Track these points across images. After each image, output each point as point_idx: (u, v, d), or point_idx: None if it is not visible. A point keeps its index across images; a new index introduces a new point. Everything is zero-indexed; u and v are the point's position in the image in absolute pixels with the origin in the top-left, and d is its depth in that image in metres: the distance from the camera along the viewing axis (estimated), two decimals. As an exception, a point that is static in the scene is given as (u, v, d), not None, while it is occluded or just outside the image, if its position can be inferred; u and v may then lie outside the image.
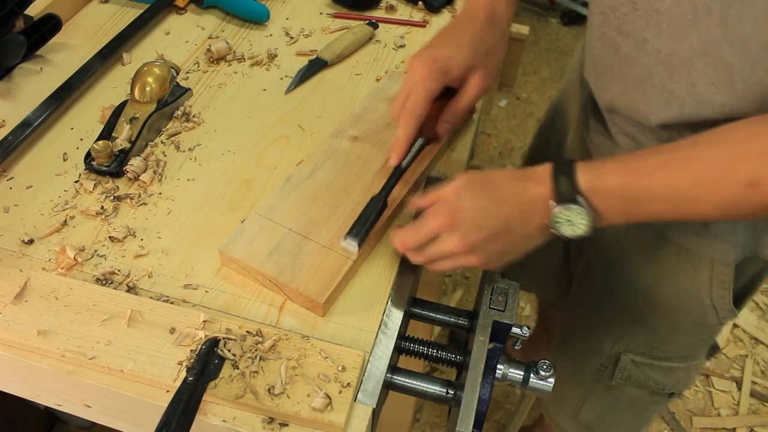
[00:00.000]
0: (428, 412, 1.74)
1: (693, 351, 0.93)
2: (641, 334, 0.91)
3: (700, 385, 1.84)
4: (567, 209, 0.62)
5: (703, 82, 0.62)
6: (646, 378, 0.95)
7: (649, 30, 0.64)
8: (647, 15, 0.64)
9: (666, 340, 0.90)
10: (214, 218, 0.79)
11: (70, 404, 0.69)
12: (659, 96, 0.68)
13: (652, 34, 0.64)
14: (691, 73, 0.63)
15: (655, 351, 0.92)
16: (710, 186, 0.57)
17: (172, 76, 0.89)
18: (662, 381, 0.95)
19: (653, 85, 0.67)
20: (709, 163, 0.57)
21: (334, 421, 0.60)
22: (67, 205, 0.79)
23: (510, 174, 0.67)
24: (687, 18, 0.60)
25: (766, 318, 1.98)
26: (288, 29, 1.07)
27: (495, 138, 2.45)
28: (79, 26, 1.04)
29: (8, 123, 0.86)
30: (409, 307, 0.75)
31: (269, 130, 0.90)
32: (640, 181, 0.60)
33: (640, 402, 1.00)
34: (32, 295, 0.68)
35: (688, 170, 0.58)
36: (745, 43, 0.57)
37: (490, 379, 0.67)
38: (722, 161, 0.56)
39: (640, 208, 0.61)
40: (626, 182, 0.61)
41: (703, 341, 0.92)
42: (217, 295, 0.71)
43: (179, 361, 0.63)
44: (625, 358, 0.93)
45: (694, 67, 0.62)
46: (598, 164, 0.63)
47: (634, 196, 0.61)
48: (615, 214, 0.63)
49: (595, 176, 0.62)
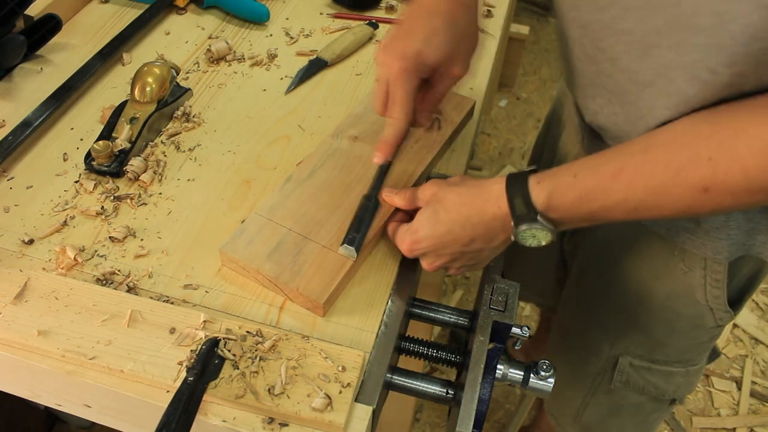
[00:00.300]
0: (428, 412, 1.74)
1: (692, 355, 0.92)
2: (638, 336, 0.91)
3: (700, 385, 1.84)
4: (529, 228, 0.63)
5: (662, 102, 0.62)
6: (645, 382, 0.94)
7: (620, 48, 0.65)
8: (616, 34, 0.64)
9: (663, 343, 0.90)
10: (214, 218, 0.79)
11: (70, 404, 0.69)
12: (633, 112, 0.68)
13: (622, 52, 0.65)
14: (651, 93, 0.63)
15: (653, 354, 0.91)
16: (665, 193, 0.57)
17: (172, 76, 0.89)
18: (662, 386, 0.95)
19: (629, 101, 0.68)
20: (662, 169, 0.57)
21: (334, 421, 0.60)
22: (68, 206, 0.79)
23: (466, 193, 0.68)
24: (647, 40, 0.60)
25: (766, 318, 1.98)
26: (288, 29, 1.07)
27: (495, 138, 2.45)
28: (79, 26, 1.04)
29: (8, 123, 0.86)
30: (409, 307, 0.75)
31: (269, 130, 0.90)
32: (595, 195, 0.60)
33: (642, 408, 0.99)
34: (32, 295, 0.68)
35: (642, 179, 0.58)
36: (698, 69, 0.57)
37: (490, 379, 0.67)
38: (675, 166, 0.56)
39: (599, 217, 0.62)
40: (582, 196, 0.61)
41: (701, 345, 0.91)
42: (217, 295, 0.71)
43: (179, 361, 0.63)
44: (623, 361, 0.93)
45: (655, 88, 0.63)
46: (552, 179, 0.63)
47: (591, 209, 0.61)
48: (575, 223, 0.64)
49: (550, 194, 0.62)
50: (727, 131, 0.54)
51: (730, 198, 0.54)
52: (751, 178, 0.52)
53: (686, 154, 0.56)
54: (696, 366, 0.94)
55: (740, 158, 0.52)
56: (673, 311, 0.85)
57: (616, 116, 0.72)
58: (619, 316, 0.91)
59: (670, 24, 0.57)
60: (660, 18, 0.58)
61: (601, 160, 0.61)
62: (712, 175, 0.54)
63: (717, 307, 0.82)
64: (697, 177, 0.55)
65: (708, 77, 0.57)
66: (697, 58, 0.56)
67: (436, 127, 0.87)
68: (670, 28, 0.57)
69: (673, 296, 0.84)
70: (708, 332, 0.88)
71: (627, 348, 0.92)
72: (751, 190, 0.53)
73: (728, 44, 0.53)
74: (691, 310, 0.84)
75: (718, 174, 0.53)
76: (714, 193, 0.54)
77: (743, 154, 0.52)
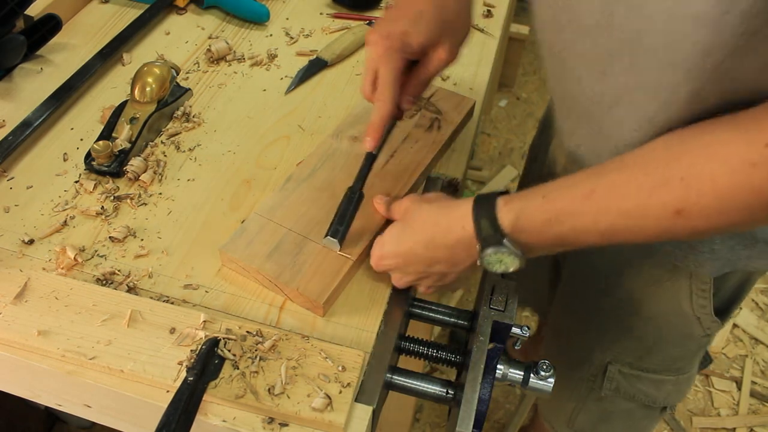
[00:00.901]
0: (428, 412, 1.74)
1: (681, 364, 0.92)
2: (627, 344, 0.91)
3: (700, 385, 1.84)
4: (495, 252, 0.61)
5: (628, 123, 0.61)
6: (635, 390, 0.94)
7: (581, 69, 0.64)
8: (575, 56, 0.63)
9: (652, 351, 0.90)
10: (214, 218, 0.79)
11: (70, 404, 0.69)
12: (599, 133, 0.67)
13: (584, 74, 0.64)
14: (617, 113, 0.62)
15: (642, 362, 0.91)
16: (637, 216, 0.55)
17: (172, 76, 0.89)
18: (652, 394, 0.95)
19: (596, 123, 0.67)
20: (634, 191, 0.55)
21: (334, 421, 0.60)
22: (68, 206, 0.79)
23: (435, 213, 0.67)
24: (602, 64, 0.59)
25: (766, 318, 1.98)
26: (288, 29, 1.07)
27: (495, 138, 2.45)
28: (80, 26, 1.04)
29: (8, 123, 0.86)
30: (409, 307, 0.75)
31: (269, 130, 0.90)
32: (565, 217, 0.58)
33: (633, 415, 0.99)
34: (32, 296, 0.68)
35: (613, 201, 0.56)
36: (655, 89, 0.56)
37: (490, 379, 0.67)
38: (647, 188, 0.54)
39: (570, 241, 0.60)
40: (551, 218, 0.59)
41: (691, 353, 0.91)
42: (217, 295, 0.71)
43: (179, 361, 0.63)
44: (613, 368, 0.92)
45: (619, 108, 0.61)
46: (520, 200, 0.61)
47: (561, 232, 0.59)
48: (546, 248, 0.61)
49: (518, 215, 0.60)
50: (699, 151, 0.52)
51: (704, 221, 0.52)
52: (723, 199, 0.50)
53: (658, 176, 0.54)
54: (686, 374, 0.93)
55: (712, 178, 0.50)
56: (661, 320, 0.85)
57: (586, 138, 0.70)
58: (608, 324, 0.91)
59: (621, 46, 0.56)
60: (611, 40, 0.57)
61: (572, 181, 0.59)
62: (685, 196, 0.52)
63: (704, 317, 0.82)
64: (669, 199, 0.53)
65: (667, 95, 0.56)
66: (652, 77, 0.56)
67: (436, 127, 0.87)
68: (621, 50, 0.57)
69: (660, 305, 0.83)
70: (697, 341, 0.88)
71: (616, 355, 0.92)
72: (724, 212, 0.51)
73: (681, 62, 0.53)
74: (679, 319, 0.83)
75: (691, 195, 0.52)
76: (687, 216, 0.53)
77: (715, 174, 0.50)
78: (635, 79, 0.58)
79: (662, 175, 0.54)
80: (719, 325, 0.84)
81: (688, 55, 0.52)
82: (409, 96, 0.74)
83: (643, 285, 0.83)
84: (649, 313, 0.85)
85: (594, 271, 0.89)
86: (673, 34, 0.52)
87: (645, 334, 0.88)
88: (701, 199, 0.51)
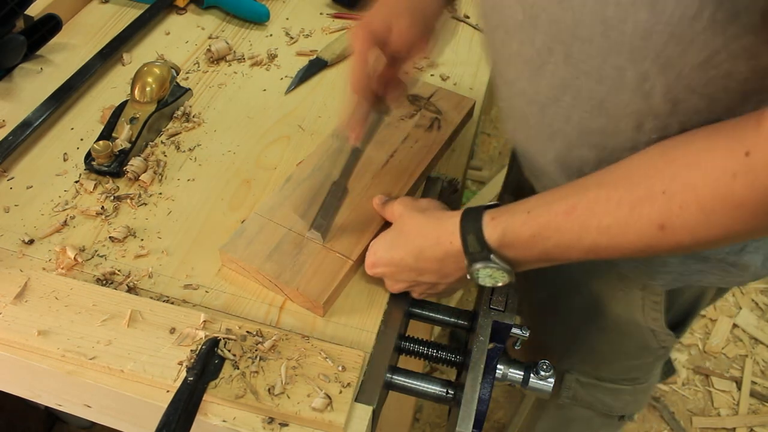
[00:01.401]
0: (428, 412, 1.74)
1: (638, 374, 0.91)
2: (584, 354, 0.91)
3: (700, 384, 1.84)
4: (484, 267, 0.61)
5: (577, 112, 0.60)
6: (593, 399, 0.94)
7: (512, 72, 0.63)
8: (506, 58, 0.62)
9: (609, 361, 0.90)
10: (214, 218, 0.79)
11: (70, 404, 0.69)
12: (539, 133, 0.66)
13: (515, 76, 0.63)
14: (561, 107, 0.61)
15: (599, 372, 0.91)
16: (620, 232, 0.54)
17: (172, 76, 0.89)
18: (609, 403, 0.94)
19: (531, 125, 0.66)
20: (615, 206, 0.54)
21: (334, 421, 0.60)
22: (68, 206, 0.79)
23: (425, 224, 0.67)
24: (537, 60, 0.59)
25: (766, 318, 1.98)
26: (288, 29, 1.07)
27: (495, 138, 2.45)
28: (80, 26, 1.04)
29: (8, 123, 0.86)
30: (409, 307, 0.75)
31: (269, 130, 0.90)
32: (549, 233, 0.57)
33: (591, 423, 0.99)
34: (32, 296, 0.68)
35: (595, 217, 0.55)
36: (598, 75, 0.55)
37: (490, 379, 0.67)
38: (629, 203, 0.53)
39: (556, 257, 0.59)
40: (536, 234, 0.58)
41: (647, 364, 0.90)
42: (218, 295, 0.71)
43: (179, 361, 0.63)
44: (570, 377, 0.92)
45: (563, 102, 0.60)
46: (506, 215, 0.60)
47: (546, 248, 0.58)
48: (534, 263, 0.61)
49: (504, 231, 0.60)
50: (681, 162, 0.51)
51: (688, 235, 0.51)
52: (707, 212, 0.49)
53: (640, 190, 0.53)
54: (643, 384, 0.93)
55: (695, 190, 0.49)
56: (616, 331, 0.85)
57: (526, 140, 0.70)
58: (565, 334, 0.91)
59: (552, 40, 0.56)
60: (540, 37, 0.56)
61: (555, 196, 0.58)
62: (668, 210, 0.51)
63: (657, 329, 0.82)
64: (652, 213, 0.52)
65: (614, 78, 0.55)
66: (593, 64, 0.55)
67: (436, 127, 0.87)
68: (553, 45, 0.56)
69: (614, 316, 0.83)
70: (653, 353, 0.87)
71: (573, 365, 0.92)
72: (707, 225, 0.50)
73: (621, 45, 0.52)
74: (633, 330, 0.83)
75: (674, 209, 0.50)
76: (671, 231, 0.51)
77: (698, 185, 0.49)
78: (574, 70, 0.56)
79: (644, 189, 0.52)
80: (674, 338, 0.84)
81: (627, 39, 0.51)
82: (394, 92, 0.74)
83: (597, 295, 0.83)
84: (604, 323, 0.85)
85: (550, 282, 0.88)
86: (608, 20, 0.51)
87: (600, 345, 0.88)
88: (684, 213, 0.50)
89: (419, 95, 0.91)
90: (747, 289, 2.05)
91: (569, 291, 0.86)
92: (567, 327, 0.90)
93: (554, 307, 0.90)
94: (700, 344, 1.93)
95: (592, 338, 0.88)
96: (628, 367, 0.90)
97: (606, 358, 0.89)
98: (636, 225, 0.53)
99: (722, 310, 2.00)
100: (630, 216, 0.53)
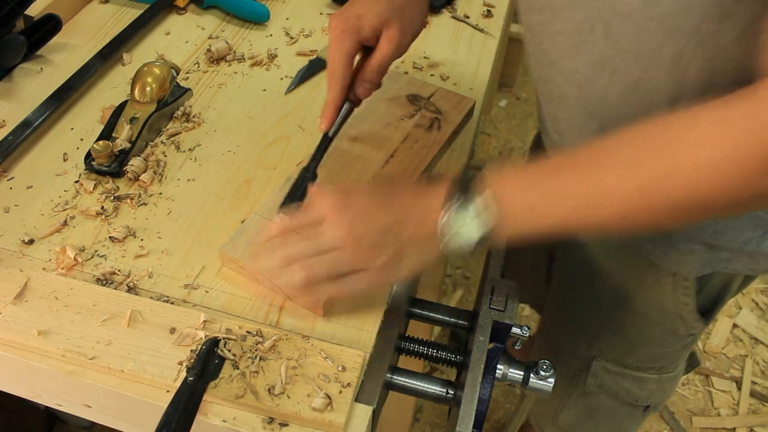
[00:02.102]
0: (428, 412, 1.74)
1: (665, 362, 0.92)
2: (612, 339, 0.91)
3: (700, 384, 1.84)
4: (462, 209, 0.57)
5: (614, 90, 0.61)
6: (618, 387, 0.95)
7: (555, 51, 0.64)
8: (550, 36, 0.64)
9: (636, 348, 0.90)
10: (214, 218, 0.79)
11: (70, 404, 0.69)
12: (578, 113, 0.67)
13: (558, 55, 0.64)
14: (598, 85, 0.62)
15: (626, 359, 0.92)
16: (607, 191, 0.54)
17: (172, 76, 0.89)
18: (635, 392, 0.95)
19: (569, 105, 0.67)
20: (606, 167, 0.54)
21: (334, 421, 0.60)
22: (68, 206, 0.79)
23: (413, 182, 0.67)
24: (578, 37, 0.60)
25: (766, 318, 1.98)
26: (288, 29, 1.07)
27: (495, 138, 2.45)
28: (80, 26, 1.04)
29: (8, 123, 0.86)
30: (409, 307, 0.75)
31: (269, 130, 0.90)
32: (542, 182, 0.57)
33: (617, 413, 0.99)
34: (32, 296, 0.68)
35: (586, 175, 0.55)
36: (635, 52, 0.57)
37: (490, 379, 0.67)
38: (617, 165, 0.53)
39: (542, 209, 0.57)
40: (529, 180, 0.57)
41: (674, 353, 0.91)
42: (217, 295, 0.71)
43: (179, 361, 0.63)
44: (597, 364, 0.93)
45: (599, 81, 0.62)
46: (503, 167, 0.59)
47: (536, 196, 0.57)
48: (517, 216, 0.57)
49: (499, 173, 0.58)
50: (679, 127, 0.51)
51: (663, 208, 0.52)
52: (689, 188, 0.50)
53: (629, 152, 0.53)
54: (670, 374, 0.94)
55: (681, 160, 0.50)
56: (645, 317, 0.85)
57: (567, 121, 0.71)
58: (595, 319, 0.92)
59: (593, 16, 0.57)
60: (584, 12, 0.57)
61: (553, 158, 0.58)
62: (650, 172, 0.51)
63: (687, 315, 0.82)
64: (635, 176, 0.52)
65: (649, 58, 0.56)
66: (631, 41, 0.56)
67: (436, 127, 0.87)
68: (594, 21, 0.57)
69: (644, 302, 0.84)
70: (680, 340, 0.88)
71: (601, 351, 0.93)
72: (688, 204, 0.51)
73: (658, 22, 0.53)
74: (662, 316, 0.84)
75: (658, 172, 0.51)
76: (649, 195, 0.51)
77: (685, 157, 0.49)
78: (613, 47, 0.58)
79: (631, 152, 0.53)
80: (703, 324, 0.84)
81: (666, 14, 0.52)
82: (365, 83, 0.74)
83: (628, 280, 0.84)
84: (633, 309, 0.85)
85: (581, 268, 0.90)
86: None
87: (629, 331, 0.89)
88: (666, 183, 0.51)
89: (419, 95, 0.92)
90: (747, 289, 2.05)
91: (599, 278, 0.87)
92: (596, 313, 0.91)
93: (583, 296, 0.90)
94: (700, 344, 1.92)
95: (621, 324, 0.88)
96: (656, 355, 0.91)
97: (634, 345, 0.90)
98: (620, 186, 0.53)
99: (722, 310, 2.00)
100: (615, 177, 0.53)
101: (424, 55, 1.04)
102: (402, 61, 1.02)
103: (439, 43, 1.06)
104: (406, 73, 0.99)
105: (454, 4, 1.14)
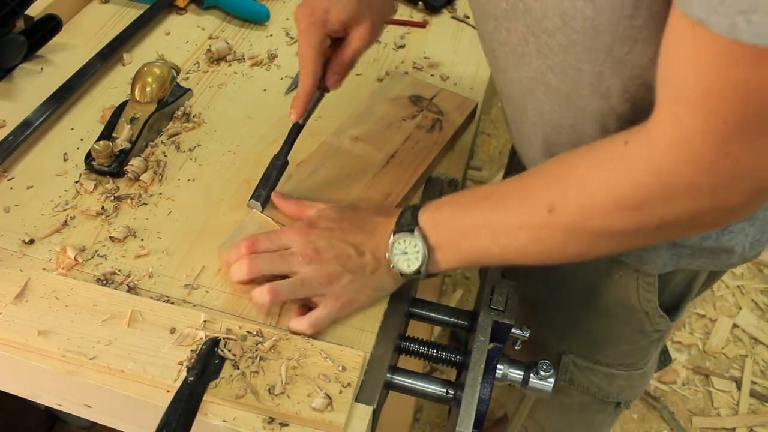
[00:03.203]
0: (428, 412, 1.74)
1: (633, 359, 0.92)
2: (580, 335, 0.92)
3: (700, 384, 1.85)
4: (402, 240, 0.64)
5: (548, 105, 0.64)
6: (589, 383, 0.95)
7: (502, 60, 0.66)
8: (498, 45, 0.65)
9: (604, 344, 0.91)
10: (214, 218, 0.79)
11: (70, 404, 0.69)
12: (526, 123, 0.70)
13: (505, 64, 0.66)
14: (537, 99, 0.64)
15: (594, 355, 0.92)
16: (520, 213, 0.59)
17: (172, 77, 0.89)
18: (605, 388, 0.95)
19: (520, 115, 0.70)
20: (523, 191, 0.59)
21: (335, 421, 0.60)
22: (68, 206, 0.79)
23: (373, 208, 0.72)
24: (520, 49, 0.62)
25: (766, 318, 1.98)
26: (288, 29, 1.07)
27: (495, 138, 2.45)
28: (80, 26, 1.04)
29: (9, 123, 0.86)
30: (409, 307, 0.75)
31: (269, 130, 0.90)
32: (465, 211, 0.63)
33: (588, 409, 1.00)
34: (32, 296, 0.68)
35: (504, 200, 0.61)
36: (561, 68, 0.58)
37: (490, 379, 0.67)
38: (533, 189, 0.59)
39: (467, 239, 0.63)
40: (454, 213, 0.64)
41: (642, 349, 0.91)
42: (218, 295, 0.71)
43: (179, 361, 0.63)
44: (567, 359, 0.93)
45: (537, 93, 0.64)
46: (438, 200, 0.66)
47: (461, 227, 0.63)
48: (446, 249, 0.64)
49: (432, 210, 0.65)
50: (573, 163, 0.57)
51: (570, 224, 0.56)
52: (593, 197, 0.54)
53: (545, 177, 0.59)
54: (639, 371, 0.94)
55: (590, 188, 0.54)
56: (612, 313, 0.86)
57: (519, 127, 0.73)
58: (563, 315, 0.92)
59: (528, 31, 0.58)
60: (520, 26, 0.59)
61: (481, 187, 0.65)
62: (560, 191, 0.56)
63: (651, 311, 0.83)
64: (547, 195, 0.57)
65: (573, 75, 0.58)
66: (557, 58, 0.58)
67: (438, 128, 0.87)
68: (528, 35, 0.59)
69: (610, 298, 0.84)
70: (647, 337, 0.88)
71: (570, 346, 0.93)
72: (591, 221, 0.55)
73: (577, 41, 0.54)
74: (628, 313, 0.84)
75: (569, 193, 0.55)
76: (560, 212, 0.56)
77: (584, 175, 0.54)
78: (545, 62, 0.59)
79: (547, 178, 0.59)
80: (667, 321, 0.85)
81: (581, 34, 0.53)
82: (334, 74, 0.76)
83: (595, 277, 0.84)
84: (600, 305, 0.86)
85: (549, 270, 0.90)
86: (565, 13, 0.53)
87: (596, 328, 0.89)
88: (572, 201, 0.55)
89: (422, 96, 0.92)
90: (747, 289, 2.05)
91: (566, 276, 0.87)
92: (564, 310, 0.91)
93: (552, 292, 0.91)
94: (700, 344, 1.93)
95: (588, 321, 0.89)
96: (624, 352, 0.91)
97: (602, 341, 0.90)
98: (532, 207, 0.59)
99: (722, 310, 2.00)
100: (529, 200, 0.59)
101: (424, 56, 1.04)
102: (402, 61, 1.02)
103: (439, 44, 1.06)
104: (407, 73, 0.99)
105: (454, 4, 1.14)
